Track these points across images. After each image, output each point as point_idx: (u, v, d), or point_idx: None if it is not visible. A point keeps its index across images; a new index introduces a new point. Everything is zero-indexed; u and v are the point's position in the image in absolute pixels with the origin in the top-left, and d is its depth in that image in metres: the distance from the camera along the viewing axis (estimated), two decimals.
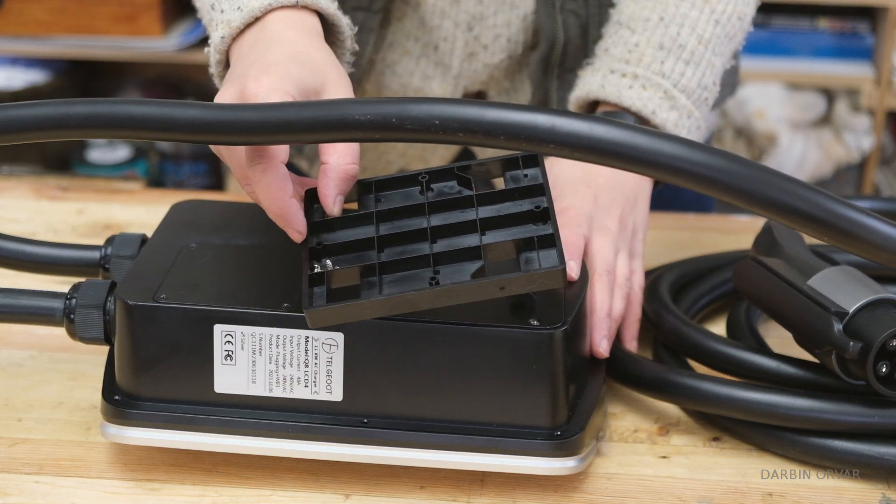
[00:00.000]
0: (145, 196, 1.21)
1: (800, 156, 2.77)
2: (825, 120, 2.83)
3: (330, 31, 0.91)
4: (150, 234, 0.88)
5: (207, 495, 0.78)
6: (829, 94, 2.82)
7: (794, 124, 2.78)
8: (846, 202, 0.63)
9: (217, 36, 0.87)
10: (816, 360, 0.83)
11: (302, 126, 0.67)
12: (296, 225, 0.77)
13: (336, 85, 0.81)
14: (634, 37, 0.98)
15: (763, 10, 2.71)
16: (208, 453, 0.80)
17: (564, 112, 0.64)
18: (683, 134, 0.97)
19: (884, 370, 0.79)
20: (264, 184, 0.76)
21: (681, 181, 0.63)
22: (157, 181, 2.85)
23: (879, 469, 0.80)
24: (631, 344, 0.91)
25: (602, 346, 0.86)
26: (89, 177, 2.70)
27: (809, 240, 0.89)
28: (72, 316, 0.82)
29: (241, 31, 0.86)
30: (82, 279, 0.85)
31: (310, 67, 0.80)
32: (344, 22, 0.91)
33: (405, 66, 1.13)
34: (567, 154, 0.64)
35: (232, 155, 0.78)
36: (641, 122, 0.96)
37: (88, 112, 0.69)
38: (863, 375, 0.79)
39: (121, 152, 2.83)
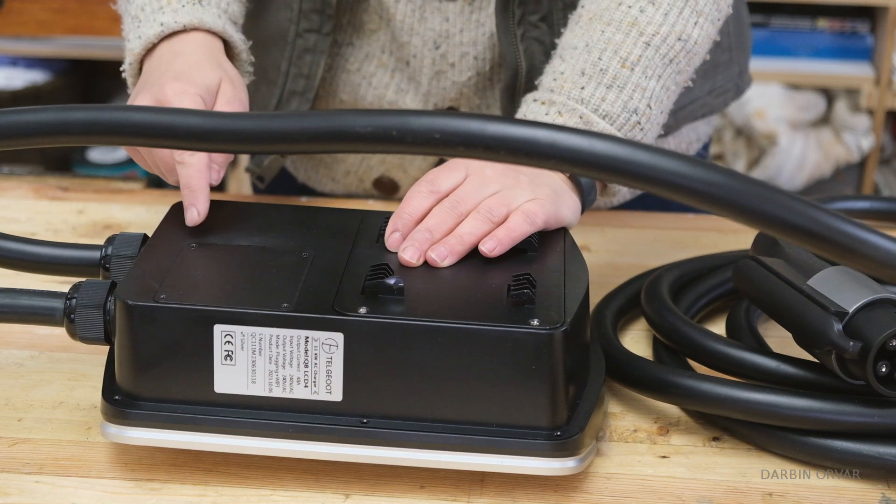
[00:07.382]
0: (145, 196, 1.21)
1: (799, 156, 2.77)
2: (825, 120, 2.83)
3: (227, 46, 1.04)
4: (150, 234, 0.88)
5: (207, 495, 0.78)
6: (829, 94, 2.82)
7: (794, 124, 2.78)
8: (848, 219, 0.63)
9: (136, 46, 1.01)
10: (816, 360, 0.83)
11: (303, 136, 0.67)
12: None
13: (230, 81, 0.97)
14: (562, 65, 0.98)
15: (763, 10, 2.74)
16: (208, 453, 0.80)
17: (566, 128, 0.64)
18: None
19: (884, 370, 0.79)
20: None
21: (682, 198, 0.63)
22: (157, 181, 2.85)
23: (879, 469, 0.80)
24: (486, 246, 0.84)
25: (391, 240, 0.84)
26: (89, 177, 2.69)
27: None
28: (72, 316, 0.82)
29: (150, 49, 1.00)
30: (83, 279, 0.85)
31: (207, 70, 0.96)
32: (236, 38, 1.03)
33: (381, 78, 1.14)
34: (567, 169, 0.64)
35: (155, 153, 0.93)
36: None
37: (88, 118, 0.69)
38: (863, 375, 0.79)
39: (121, 152, 2.83)
